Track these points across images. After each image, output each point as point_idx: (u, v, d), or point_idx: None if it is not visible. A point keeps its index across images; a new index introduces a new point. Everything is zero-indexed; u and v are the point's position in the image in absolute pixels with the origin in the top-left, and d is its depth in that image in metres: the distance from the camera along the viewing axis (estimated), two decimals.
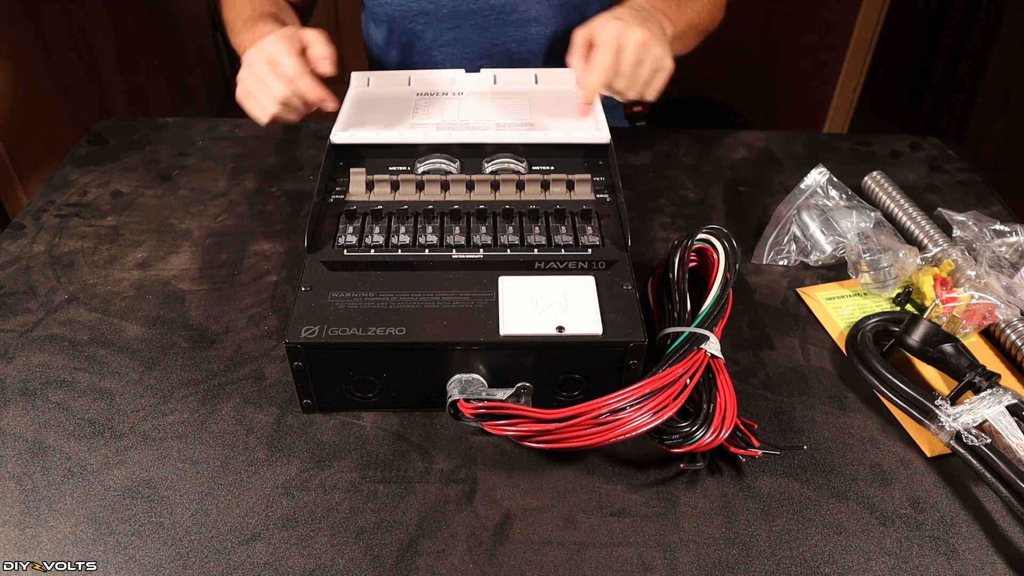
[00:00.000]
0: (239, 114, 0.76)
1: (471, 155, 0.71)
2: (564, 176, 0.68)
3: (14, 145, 1.42)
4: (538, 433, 0.51)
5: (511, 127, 0.72)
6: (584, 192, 0.68)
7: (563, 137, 0.71)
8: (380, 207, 0.65)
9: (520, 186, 0.67)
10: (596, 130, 0.71)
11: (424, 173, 0.69)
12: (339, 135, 0.71)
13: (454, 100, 0.77)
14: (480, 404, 0.52)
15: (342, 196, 0.67)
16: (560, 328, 0.54)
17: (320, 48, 0.68)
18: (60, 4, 1.55)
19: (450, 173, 0.69)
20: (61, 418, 0.58)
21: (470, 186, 0.67)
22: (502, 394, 0.54)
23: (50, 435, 0.57)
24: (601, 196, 0.67)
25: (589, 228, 0.63)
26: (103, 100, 1.74)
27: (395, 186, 0.67)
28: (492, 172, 0.69)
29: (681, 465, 0.54)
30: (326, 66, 0.68)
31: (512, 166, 0.70)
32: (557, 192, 0.67)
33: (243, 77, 0.70)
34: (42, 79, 1.51)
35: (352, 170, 0.68)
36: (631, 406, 0.51)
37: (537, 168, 0.70)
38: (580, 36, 0.70)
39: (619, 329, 0.55)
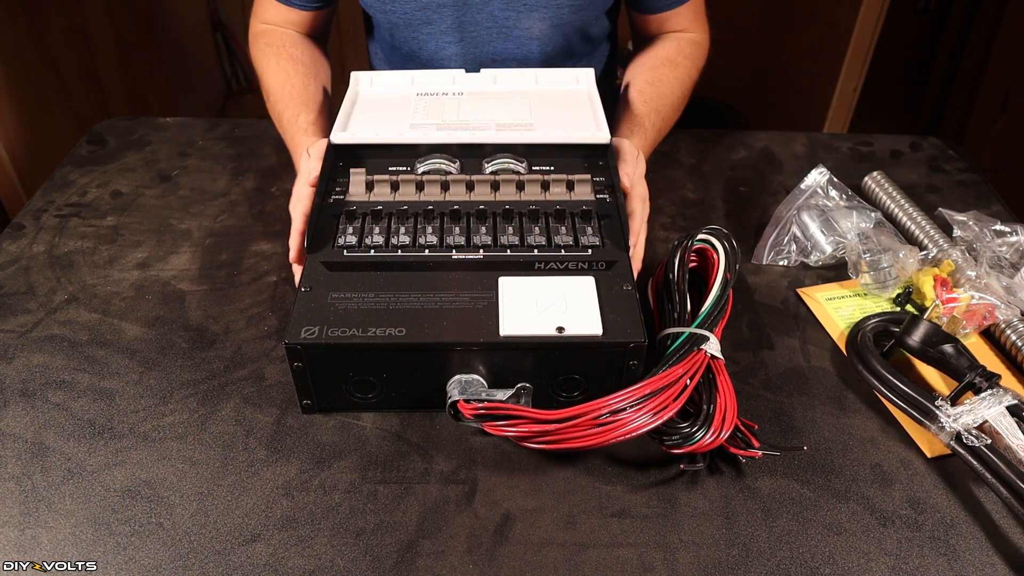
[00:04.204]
0: (239, 114, 0.77)
1: (471, 155, 0.71)
2: (564, 176, 0.68)
3: (14, 145, 1.42)
4: (538, 434, 0.51)
5: (511, 127, 0.72)
6: (584, 192, 0.67)
7: (563, 137, 0.71)
8: (380, 207, 0.65)
9: (520, 186, 0.67)
10: (596, 130, 0.71)
11: (424, 173, 0.69)
12: (339, 135, 0.71)
13: (454, 100, 0.77)
14: (480, 405, 0.52)
15: (342, 196, 0.67)
16: (560, 329, 0.54)
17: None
18: (60, 4, 1.55)
19: (450, 173, 0.69)
20: (61, 418, 0.58)
21: (470, 186, 0.67)
22: (502, 395, 0.54)
23: (50, 435, 0.57)
24: (601, 196, 0.67)
25: (589, 228, 0.63)
26: (103, 100, 1.74)
27: (395, 186, 0.67)
28: (492, 172, 0.69)
29: (681, 466, 0.54)
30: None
31: (512, 166, 0.70)
32: (557, 192, 0.67)
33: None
34: (42, 79, 1.51)
35: (352, 170, 0.67)
36: (631, 407, 0.51)
37: (537, 168, 0.70)
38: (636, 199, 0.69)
39: (619, 330, 0.55)
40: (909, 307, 0.68)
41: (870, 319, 0.64)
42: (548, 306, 0.56)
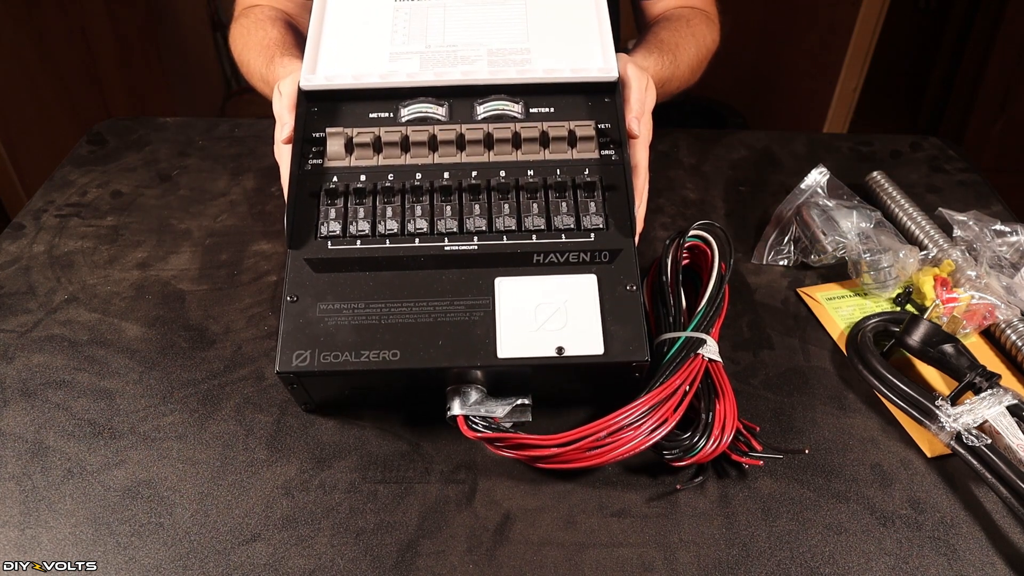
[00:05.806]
0: (239, 114, 0.76)
1: (461, 95, 0.64)
2: (565, 126, 0.61)
3: (14, 145, 1.42)
4: (540, 458, 0.51)
5: (505, 57, 0.65)
6: (588, 149, 0.61)
7: (564, 75, 0.63)
8: (363, 177, 0.60)
9: (516, 143, 0.61)
10: (603, 62, 0.64)
11: (408, 123, 0.62)
12: (308, 79, 0.63)
13: (439, 9, 0.69)
14: (481, 435, 0.52)
15: (320, 161, 0.61)
16: (560, 349, 0.53)
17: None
18: (60, 4, 1.55)
19: (438, 121, 0.62)
20: (61, 418, 0.58)
21: (460, 145, 0.61)
22: (501, 410, 0.53)
23: (50, 435, 0.57)
24: (607, 153, 0.61)
25: (592, 204, 0.58)
26: (103, 100, 1.74)
27: (378, 147, 0.61)
28: (485, 119, 0.63)
29: (678, 487, 0.53)
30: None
31: (507, 111, 0.63)
32: (558, 150, 0.61)
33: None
34: (42, 79, 1.51)
35: (329, 130, 0.61)
36: (631, 424, 0.50)
37: (535, 111, 0.63)
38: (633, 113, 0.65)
39: (621, 346, 0.53)
40: (909, 307, 0.68)
41: (870, 319, 0.64)
42: (548, 317, 0.54)
